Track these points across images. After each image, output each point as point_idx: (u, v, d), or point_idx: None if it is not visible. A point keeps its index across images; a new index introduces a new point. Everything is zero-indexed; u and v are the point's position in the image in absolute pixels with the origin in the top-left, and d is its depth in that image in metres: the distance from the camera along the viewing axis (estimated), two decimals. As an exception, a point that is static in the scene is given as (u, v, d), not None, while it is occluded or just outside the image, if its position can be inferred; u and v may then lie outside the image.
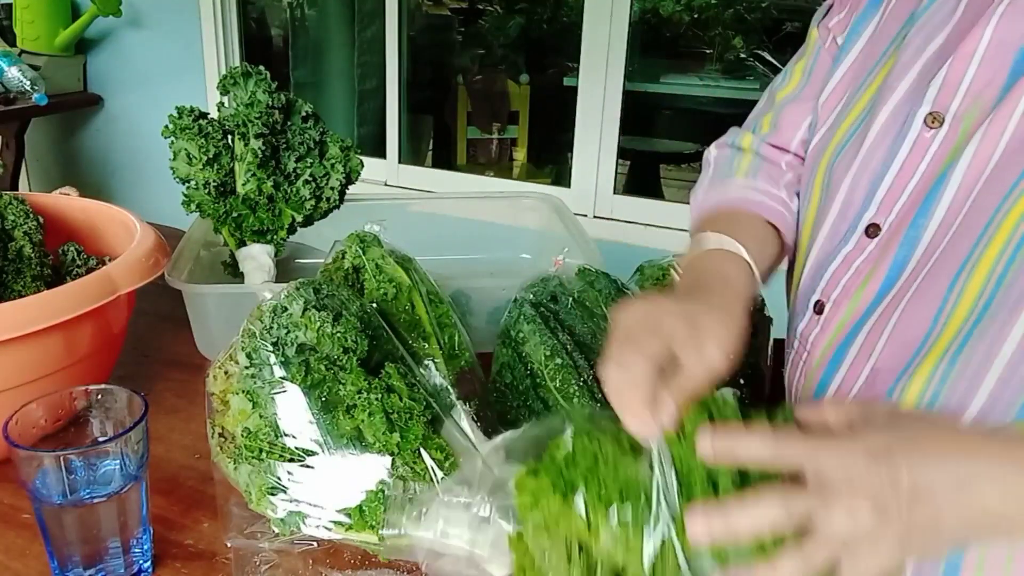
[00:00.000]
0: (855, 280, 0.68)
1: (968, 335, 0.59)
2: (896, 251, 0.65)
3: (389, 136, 2.75)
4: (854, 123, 0.72)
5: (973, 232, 0.60)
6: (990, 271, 0.58)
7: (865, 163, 0.68)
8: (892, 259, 0.65)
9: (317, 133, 1.09)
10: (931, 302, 0.61)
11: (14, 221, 0.87)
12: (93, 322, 0.77)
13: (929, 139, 0.64)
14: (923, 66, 0.66)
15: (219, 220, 1.05)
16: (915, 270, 0.64)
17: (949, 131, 0.63)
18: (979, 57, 0.61)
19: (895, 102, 0.67)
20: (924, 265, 0.63)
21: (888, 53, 0.71)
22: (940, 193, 0.62)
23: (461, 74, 4.19)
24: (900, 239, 0.65)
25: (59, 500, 0.60)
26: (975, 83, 0.62)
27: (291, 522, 0.67)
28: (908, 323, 0.63)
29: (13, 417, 0.61)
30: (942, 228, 0.62)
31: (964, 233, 0.60)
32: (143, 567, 0.65)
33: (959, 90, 0.62)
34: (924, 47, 0.67)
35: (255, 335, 0.68)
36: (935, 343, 0.61)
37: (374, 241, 0.85)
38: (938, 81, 0.64)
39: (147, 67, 2.95)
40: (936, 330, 0.61)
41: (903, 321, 0.64)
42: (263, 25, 3.61)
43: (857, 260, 0.69)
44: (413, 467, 0.67)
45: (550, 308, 0.86)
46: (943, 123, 0.63)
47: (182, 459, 0.81)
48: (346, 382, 0.67)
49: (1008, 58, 0.60)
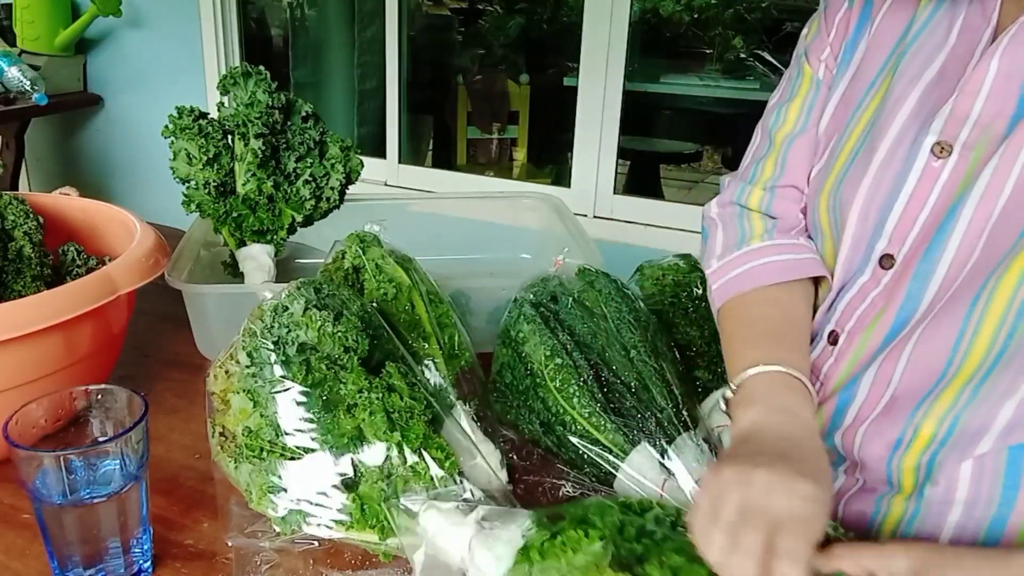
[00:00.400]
0: (870, 312, 0.69)
1: (993, 364, 0.60)
2: (909, 284, 0.66)
3: (389, 136, 2.75)
4: (852, 151, 0.72)
5: (989, 263, 0.60)
6: (1010, 300, 0.59)
7: (872, 193, 0.68)
8: (906, 292, 0.66)
9: (317, 133, 1.09)
10: (949, 332, 0.62)
11: (14, 221, 0.87)
12: (93, 322, 0.77)
13: (938, 169, 0.64)
14: (922, 94, 0.67)
15: (219, 220, 1.05)
16: (932, 302, 0.64)
17: (959, 160, 0.63)
18: (987, 89, 0.62)
19: (897, 130, 0.68)
20: (941, 298, 0.63)
21: (880, 81, 0.71)
22: (953, 225, 0.63)
23: (461, 74, 4.19)
24: (913, 271, 0.65)
25: (59, 500, 0.60)
26: (983, 114, 0.62)
27: (292, 521, 0.67)
28: (925, 353, 0.64)
29: (13, 417, 0.61)
30: (957, 260, 0.63)
31: (980, 264, 0.61)
32: (143, 567, 0.65)
33: (967, 121, 0.63)
34: (920, 75, 0.67)
35: (256, 334, 0.68)
36: (958, 371, 0.62)
37: (374, 241, 0.85)
38: (945, 112, 0.64)
39: (147, 67, 2.95)
40: (957, 359, 0.62)
41: (920, 350, 0.64)
42: (263, 25, 3.60)
43: (873, 292, 0.69)
44: (414, 466, 0.67)
45: (550, 308, 0.86)
46: (952, 152, 0.64)
47: (182, 459, 0.81)
48: (347, 381, 0.67)
49: (1015, 89, 0.61)
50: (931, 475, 0.64)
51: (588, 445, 0.76)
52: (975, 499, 0.62)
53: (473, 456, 0.74)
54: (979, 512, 0.62)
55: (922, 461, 0.64)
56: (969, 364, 0.61)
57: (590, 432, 0.76)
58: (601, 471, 0.76)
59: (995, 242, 0.60)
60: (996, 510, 0.62)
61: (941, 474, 0.63)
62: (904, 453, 0.65)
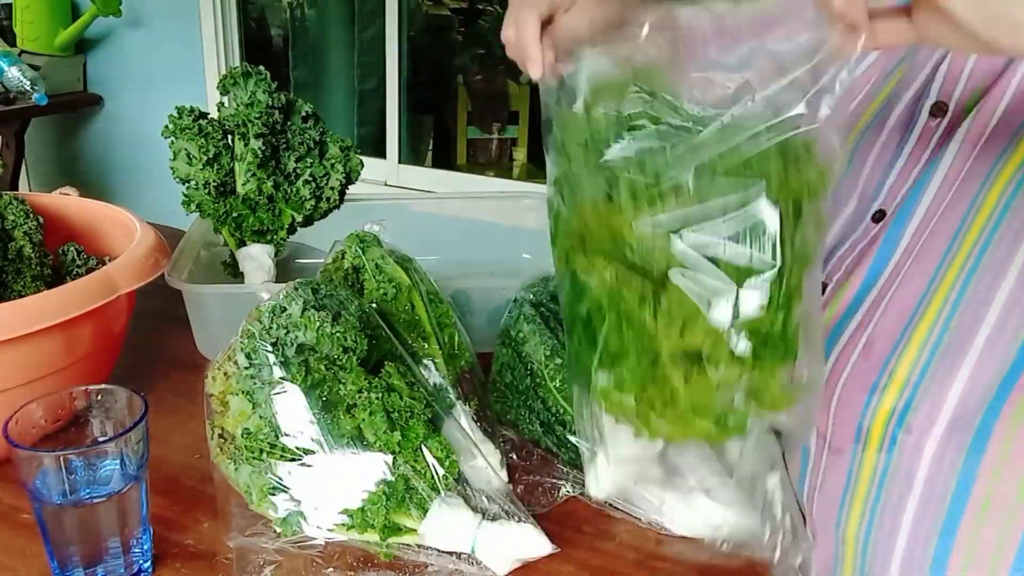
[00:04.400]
0: (855, 259, 0.71)
1: (957, 300, 0.62)
2: (890, 228, 0.68)
3: (389, 136, 2.75)
4: (869, 120, 0.73)
5: (962, 204, 0.62)
6: (977, 236, 0.61)
7: (879, 157, 0.71)
8: (888, 235, 0.68)
9: (317, 133, 1.09)
10: (924, 274, 0.64)
11: (14, 221, 0.86)
12: (93, 322, 0.77)
13: (934, 128, 0.66)
14: (935, 62, 0.68)
15: (219, 220, 1.05)
16: (909, 245, 0.66)
17: (951, 119, 0.65)
18: None
19: (909, 96, 0.69)
20: (919, 239, 0.65)
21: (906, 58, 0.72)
22: (933, 171, 0.65)
23: (461, 74, 4.18)
24: (894, 218, 0.68)
25: (59, 500, 0.60)
26: (975, 70, 0.64)
27: (292, 522, 0.67)
28: (903, 295, 0.65)
29: (13, 417, 0.61)
30: (935, 203, 0.65)
31: (954, 206, 0.63)
32: (143, 567, 0.65)
33: (961, 78, 0.64)
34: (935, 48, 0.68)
35: (254, 335, 0.68)
36: (927, 309, 0.63)
37: (374, 241, 0.85)
38: (943, 70, 0.65)
39: (147, 67, 2.95)
40: (927, 297, 0.64)
41: (898, 293, 0.66)
42: (263, 25, 3.61)
43: (861, 244, 0.71)
44: (414, 466, 0.67)
45: (550, 308, 0.86)
46: (947, 112, 0.65)
47: (182, 459, 0.81)
48: (346, 381, 0.67)
49: None
50: (904, 422, 0.65)
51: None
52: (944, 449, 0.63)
53: (473, 456, 0.74)
54: (951, 455, 0.63)
55: (898, 404, 0.65)
56: (937, 299, 0.63)
57: (590, 432, 0.76)
58: (601, 471, 0.76)
59: (970, 179, 0.62)
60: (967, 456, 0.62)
61: (914, 418, 0.64)
62: (881, 396, 0.66)
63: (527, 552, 0.66)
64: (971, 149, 0.63)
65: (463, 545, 0.66)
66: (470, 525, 0.66)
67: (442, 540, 0.67)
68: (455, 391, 0.79)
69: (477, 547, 0.66)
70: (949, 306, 0.62)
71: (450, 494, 0.67)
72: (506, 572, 0.66)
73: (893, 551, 0.66)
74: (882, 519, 0.67)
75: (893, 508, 0.66)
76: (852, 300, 0.70)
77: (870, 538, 0.68)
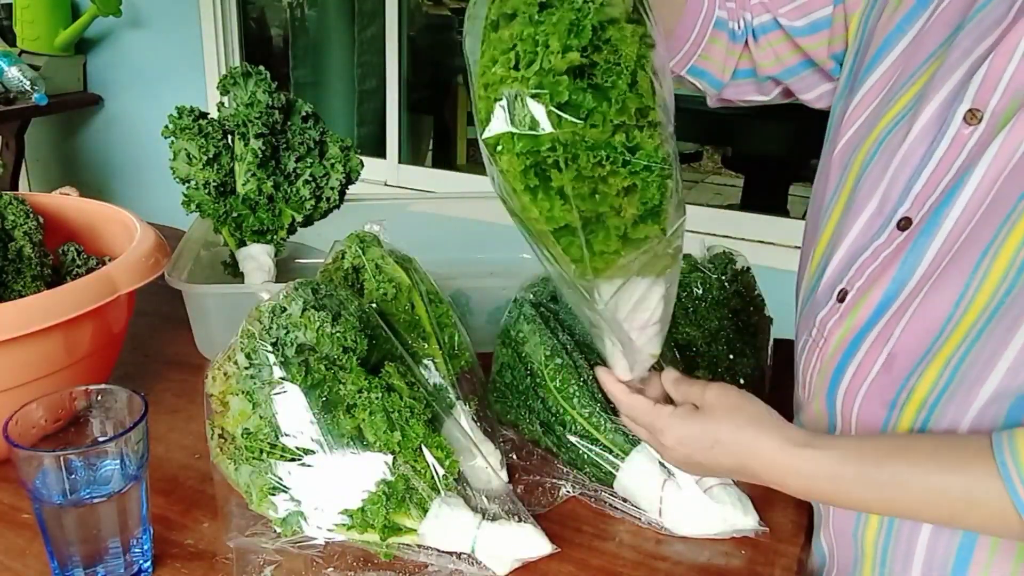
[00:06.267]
0: (879, 269, 0.69)
1: (988, 321, 0.60)
2: (917, 239, 0.66)
3: (389, 136, 2.75)
4: (895, 119, 0.71)
5: (995, 220, 0.60)
6: (1012, 258, 0.59)
7: (906, 159, 0.68)
8: (914, 246, 0.66)
9: (317, 133, 1.09)
10: (952, 290, 0.62)
11: (14, 221, 0.86)
12: (93, 322, 0.77)
13: (967, 136, 0.64)
14: (969, 65, 0.66)
15: (219, 220, 1.05)
16: (936, 258, 0.64)
17: (986, 128, 0.63)
18: (1021, 53, 0.61)
19: (939, 100, 0.67)
20: (946, 253, 0.63)
21: (935, 54, 0.71)
22: (965, 182, 0.63)
23: (461, 74, 4.18)
24: (921, 229, 0.65)
25: (59, 500, 0.60)
26: (1015, 79, 0.61)
27: (292, 522, 0.67)
28: (928, 310, 0.64)
29: (13, 417, 0.61)
30: (965, 216, 0.62)
31: (986, 221, 0.61)
32: (143, 567, 0.65)
33: (999, 86, 0.62)
34: (972, 49, 0.66)
35: (254, 336, 0.68)
36: (955, 329, 0.62)
37: (374, 241, 0.85)
38: (979, 78, 0.63)
39: (147, 67, 2.95)
40: (956, 316, 0.62)
41: (923, 308, 0.64)
42: (263, 25, 3.61)
43: (885, 252, 0.69)
44: (414, 466, 0.67)
45: (550, 308, 0.86)
46: (981, 120, 0.63)
47: (182, 459, 0.81)
48: (346, 381, 0.67)
49: None
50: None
51: (588, 445, 0.76)
52: None
53: (473, 456, 0.74)
54: None
55: (917, 421, 0.64)
56: (966, 321, 0.61)
57: (590, 432, 0.76)
58: (601, 471, 0.76)
59: (1003, 196, 0.60)
60: None
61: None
62: (900, 413, 0.65)
63: (527, 552, 0.66)
64: (1006, 162, 0.60)
65: (463, 545, 0.66)
66: (470, 525, 0.66)
67: (442, 540, 0.67)
68: (455, 391, 0.79)
69: (477, 547, 0.66)
70: (978, 328, 0.60)
71: (450, 494, 0.67)
72: (506, 572, 0.66)
73: (913, 558, 0.66)
74: (900, 531, 0.67)
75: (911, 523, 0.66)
76: (874, 310, 0.68)
77: (888, 546, 0.68)
